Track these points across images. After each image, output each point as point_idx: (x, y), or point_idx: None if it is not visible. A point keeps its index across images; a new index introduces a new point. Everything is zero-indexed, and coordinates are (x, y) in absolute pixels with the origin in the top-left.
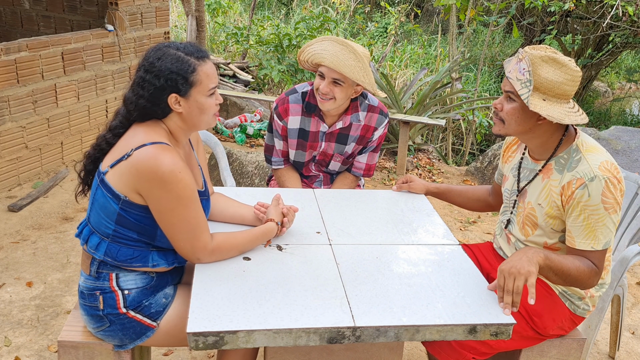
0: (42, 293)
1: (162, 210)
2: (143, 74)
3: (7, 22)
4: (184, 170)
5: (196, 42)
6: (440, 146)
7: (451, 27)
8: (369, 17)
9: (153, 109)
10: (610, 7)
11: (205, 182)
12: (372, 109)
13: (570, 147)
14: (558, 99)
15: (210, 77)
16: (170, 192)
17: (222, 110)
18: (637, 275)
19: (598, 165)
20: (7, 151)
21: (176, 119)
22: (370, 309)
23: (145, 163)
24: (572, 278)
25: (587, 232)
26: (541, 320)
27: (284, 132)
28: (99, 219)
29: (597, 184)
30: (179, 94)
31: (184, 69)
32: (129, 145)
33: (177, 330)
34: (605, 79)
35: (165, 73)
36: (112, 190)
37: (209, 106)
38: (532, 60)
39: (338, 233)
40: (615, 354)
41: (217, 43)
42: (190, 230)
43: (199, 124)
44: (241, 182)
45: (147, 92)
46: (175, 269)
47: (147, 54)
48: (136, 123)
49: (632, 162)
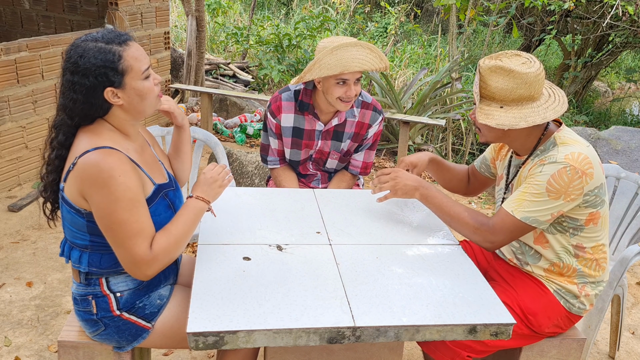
0: (42, 293)
1: (101, 215)
2: (70, 77)
3: (7, 22)
4: (125, 174)
5: (196, 42)
6: (440, 146)
7: (451, 27)
8: (369, 17)
9: (93, 108)
10: (610, 7)
11: (170, 175)
12: (366, 106)
13: (548, 141)
14: (517, 103)
15: (139, 59)
16: (110, 195)
17: (222, 110)
18: (637, 275)
19: (566, 154)
20: (7, 151)
21: (119, 112)
22: (370, 309)
23: (86, 169)
24: (452, 221)
25: (516, 198)
26: (536, 318)
27: (277, 130)
28: (73, 233)
29: (552, 167)
30: (114, 86)
31: (110, 60)
32: (74, 154)
33: (172, 332)
34: (605, 79)
35: (92, 70)
36: (72, 205)
37: (147, 90)
38: (481, 73)
39: (338, 233)
40: (615, 354)
41: (217, 43)
42: (130, 236)
43: (144, 110)
44: (241, 182)
45: (80, 95)
46: (169, 269)
47: (67, 55)
48: (81, 129)
49: (632, 162)
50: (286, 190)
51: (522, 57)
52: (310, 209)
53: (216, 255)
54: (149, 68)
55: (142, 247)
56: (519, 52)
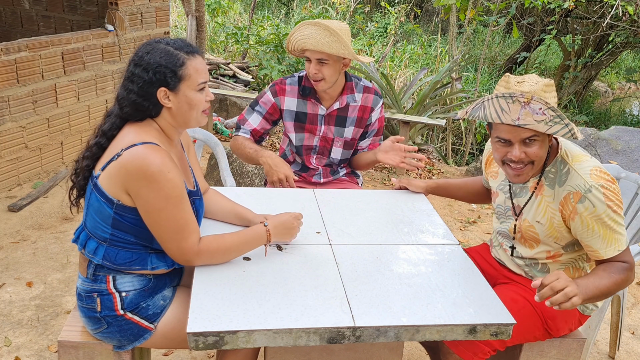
0: (42, 293)
1: (150, 210)
2: (133, 68)
3: (7, 22)
4: (172, 170)
5: (196, 42)
6: (440, 146)
7: (451, 27)
8: (369, 17)
9: (144, 104)
10: (610, 7)
11: (197, 183)
12: (368, 90)
13: (556, 160)
14: None
15: (199, 71)
16: (159, 191)
17: (222, 110)
18: (637, 275)
19: (589, 175)
20: (7, 151)
21: (167, 116)
22: (370, 309)
23: (133, 162)
24: (614, 290)
25: (608, 240)
26: (554, 322)
27: (271, 110)
28: (95, 223)
29: (597, 194)
30: (168, 87)
31: (173, 62)
32: (119, 145)
33: (174, 333)
34: (605, 79)
35: (153, 66)
36: (105, 195)
37: (197, 101)
38: (540, 96)
39: (338, 233)
40: (615, 354)
41: (217, 43)
42: (178, 231)
43: (189, 120)
44: (241, 182)
45: (136, 86)
46: (174, 271)
47: (137, 50)
48: (129, 123)
49: (632, 162)
50: (286, 190)
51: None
52: (310, 209)
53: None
54: (205, 83)
55: (190, 240)
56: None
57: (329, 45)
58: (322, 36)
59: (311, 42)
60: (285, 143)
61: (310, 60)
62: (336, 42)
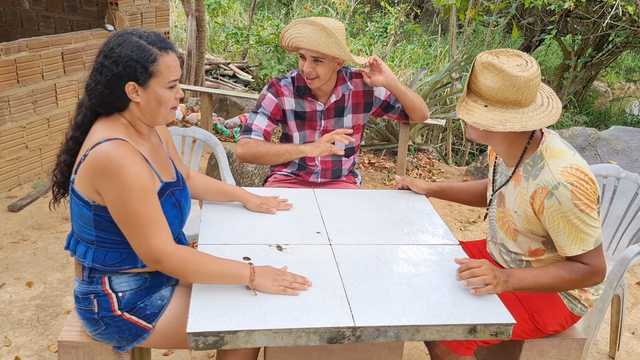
0: (42, 293)
1: (115, 205)
2: (102, 60)
3: (7, 22)
4: (136, 163)
5: (196, 42)
6: (440, 146)
7: (451, 27)
8: (369, 17)
9: (111, 96)
10: (610, 7)
11: (179, 174)
12: (356, 75)
13: (534, 154)
14: (502, 105)
15: (171, 68)
16: (121, 184)
17: (222, 110)
18: (637, 275)
19: (560, 171)
20: (7, 151)
21: (135, 110)
22: (370, 309)
23: (98, 160)
24: (559, 288)
25: (573, 238)
26: (541, 317)
27: (274, 111)
28: (80, 227)
29: (563, 191)
30: (137, 82)
31: (144, 58)
32: (87, 145)
33: (173, 332)
34: (605, 79)
35: (124, 60)
36: (82, 197)
37: (167, 99)
38: (474, 67)
39: (338, 233)
40: (615, 354)
41: (217, 43)
42: (145, 226)
43: (157, 117)
44: (241, 182)
45: (104, 78)
46: None
47: (108, 39)
48: (99, 119)
49: (632, 162)
50: (286, 190)
51: (521, 59)
52: (310, 209)
53: (216, 255)
54: (176, 80)
55: (160, 237)
56: (521, 53)
57: (325, 45)
58: (319, 36)
59: (307, 42)
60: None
61: (305, 58)
62: (332, 43)
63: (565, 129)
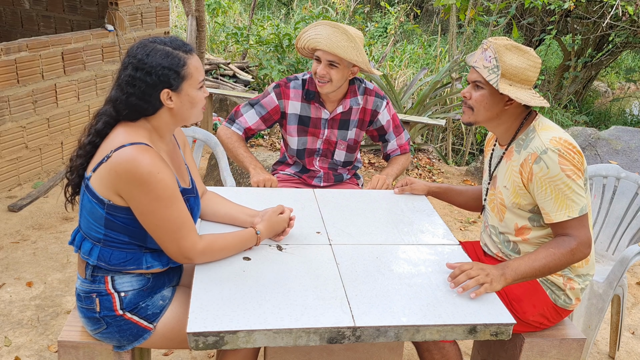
0: (42, 293)
1: (144, 212)
2: (132, 72)
3: (7, 22)
4: (162, 171)
5: (196, 42)
6: (440, 146)
7: (451, 27)
8: (369, 17)
9: (144, 106)
10: (610, 7)
11: (193, 181)
12: (369, 92)
13: (527, 129)
14: (522, 84)
15: (199, 69)
16: (150, 193)
17: (222, 110)
18: (637, 275)
19: (549, 139)
20: (7, 151)
21: (165, 115)
22: (370, 309)
23: (123, 165)
24: (554, 267)
25: (559, 203)
26: (520, 305)
27: (272, 111)
28: (89, 224)
29: (551, 155)
30: (171, 88)
31: (175, 63)
32: (109, 146)
33: (174, 333)
34: (605, 79)
35: (157, 69)
36: (97, 195)
37: (199, 99)
38: (497, 48)
39: (338, 233)
40: (615, 354)
41: (217, 43)
42: (175, 231)
43: (189, 118)
44: (241, 182)
45: (138, 90)
46: (173, 271)
47: (132, 51)
48: (121, 123)
49: (632, 162)
50: (286, 190)
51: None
52: (310, 209)
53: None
54: (204, 80)
55: (189, 238)
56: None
57: (344, 49)
58: (339, 39)
59: (325, 43)
60: (285, 145)
61: (320, 61)
62: (352, 48)
63: (565, 129)
